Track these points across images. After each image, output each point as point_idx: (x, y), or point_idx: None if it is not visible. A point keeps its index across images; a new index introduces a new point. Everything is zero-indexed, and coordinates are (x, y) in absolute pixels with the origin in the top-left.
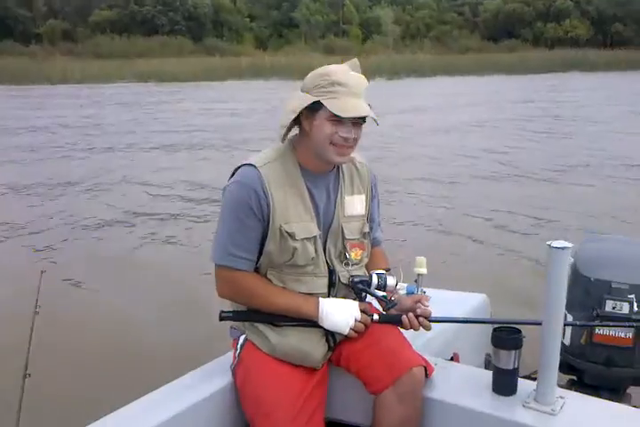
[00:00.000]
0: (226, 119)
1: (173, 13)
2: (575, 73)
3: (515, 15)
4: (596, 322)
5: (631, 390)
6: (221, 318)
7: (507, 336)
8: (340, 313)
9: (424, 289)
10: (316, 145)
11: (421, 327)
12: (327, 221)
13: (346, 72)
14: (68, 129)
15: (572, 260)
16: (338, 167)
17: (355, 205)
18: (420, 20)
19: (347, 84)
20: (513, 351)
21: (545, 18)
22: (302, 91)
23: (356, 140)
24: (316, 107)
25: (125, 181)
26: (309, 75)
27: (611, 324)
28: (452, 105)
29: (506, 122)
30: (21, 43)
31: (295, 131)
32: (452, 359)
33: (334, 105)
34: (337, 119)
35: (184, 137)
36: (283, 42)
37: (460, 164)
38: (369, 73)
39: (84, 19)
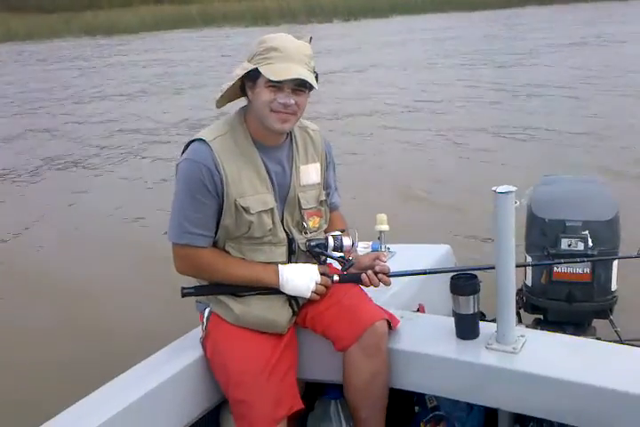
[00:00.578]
0: (177, 69)
1: None
2: (532, 8)
3: None
4: (547, 261)
5: (595, 323)
6: (183, 295)
7: (463, 283)
8: (300, 277)
9: (388, 246)
10: (258, 113)
11: (381, 283)
12: (283, 191)
13: (285, 39)
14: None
15: (518, 202)
16: (291, 137)
17: (310, 173)
18: None
19: (283, 49)
20: (471, 297)
21: None
22: (247, 60)
23: (298, 106)
24: (255, 75)
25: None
26: (252, 44)
27: (557, 261)
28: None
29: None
30: None
31: (244, 102)
32: (417, 311)
33: (268, 70)
34: (275, 85)
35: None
36: None
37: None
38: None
39: None
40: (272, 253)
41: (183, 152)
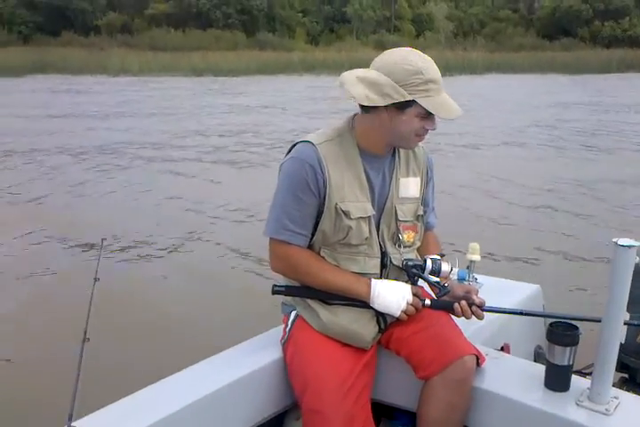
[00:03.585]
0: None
1: (227, 7)
2: (633, 73)
3: (572, 13)
4: None
5: None
6: (274, 292)
7: (563, 332)
8: (392, 295)
9: (476, 275)
10: (398, 136)
11: (474, 316)
12: (381, 202)
13: (432, 65)
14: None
15: (638, 258)
16: (395, 149)
17: (409, 187)
18: (473, 17)
19: (438, 79)
20: (569, 348)
21: (603, 16)
22: (388, 77)
23: None
24: (406, 104)
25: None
26: (393, 66)
27: None
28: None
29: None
30: (81, 34)
31: (354, 109)
32: (502, 349)
33: (433, 106)
34: (427, 115)
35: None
36: (334, 37)
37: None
38: None
39: (140, 11)
40: (366, 264)
41: (287, 153)
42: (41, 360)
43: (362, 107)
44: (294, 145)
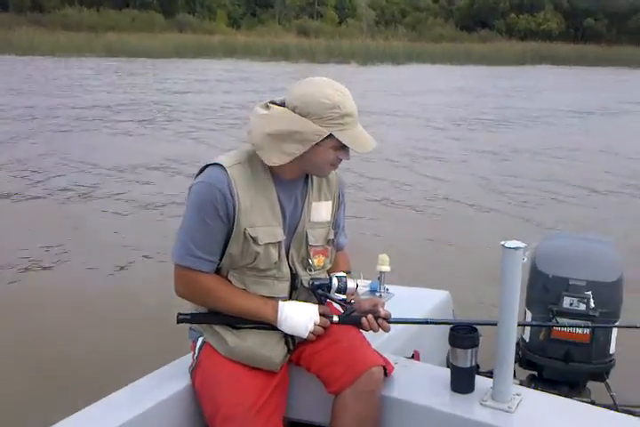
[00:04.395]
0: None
1: None
2: (545, 66)
3: (489, 5)
4: (550, 322)
5: (590, 384)
6: (179, 321)
7: (463, 335)
8: (299, 317)
9: (387, 286)
10: (313, 166)
11: (380, 329)
12: (292, 226)
13: (348, 99)
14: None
15: (526, 259)
16: (307, 174)
17: (321, 211)
18: (395, 6)
19: (353, 113)
20: (469, 350)
21: (518, 9)
22: (304, 116)
23: None
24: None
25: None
26: (310, 100)
27: (559, 323)
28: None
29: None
30: None
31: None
32: (412, 357)
33: (348, 139)
34: (342, 147)
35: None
36: (256, 21)
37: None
38: (343, 57)
39: None
40: (274, 287)
41: (197, 175)
42: None
43: None
44: (204, 167)
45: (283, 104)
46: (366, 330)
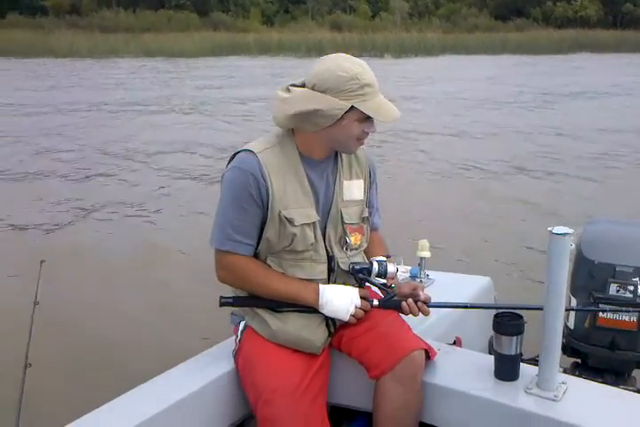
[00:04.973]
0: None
1: None
2: (585, 54)
3: None
4: (597, 307)
5: (636, 373)
6: (221, 304)
7: (508, 322)
8: (341, 300)
9: (427, 272)
10: (339, 141)
11: (420, 313)
12: (326, 206)
13: (366, 69)
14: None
15: (573, 245)
16: (336, 153)
17: (353, 190)
18: None
19: (373, 83)
20: (514, 337)
21: None
22: (323, 92)
23: None
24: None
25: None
26: (325, 74)
27: (607, 308)
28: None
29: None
30: (27, 16)
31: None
32: (454, 343)
33: (371, 109)
34: (366, 119)
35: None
36: (289, 18)
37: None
38: (377, 51)
39: None
40: (312, 269)
41: (229, 162)
42: None
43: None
44: (235, 154)
45: (303, 85)
46: (406, 314)
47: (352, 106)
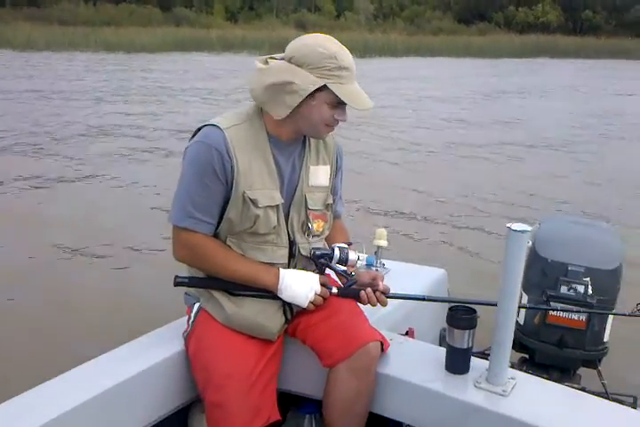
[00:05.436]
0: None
1: None
2: (545, 59)
3: None
4: (548, 306)
5: (581, 371)
6: (176, 284)
7: (461, 316)
8: (301, 285)
9: (383, 261)
10: (308, 124)
11: (378, 303)
12: (290, 190)
13: (347, 53)
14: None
15: (530, 242)
16: (305, 137)
17: (319, 175)
18: None
19: (351, 68)
20: (467, 331)
21: (517, 2)
22: (299, 66)
23: None
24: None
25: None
26: (305, 49)
27: (558, 307)
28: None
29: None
30: None
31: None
32: (406, 334)
33: (344, 93)
34: (337, 104)
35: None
36: (253, 15)
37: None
38: None
39: None
40: (273, 253)
41: (193, 136)
42: None
43: None
44: (200, 128)
45: (282, 59)
46: (364, 304)
47: (325, 86)
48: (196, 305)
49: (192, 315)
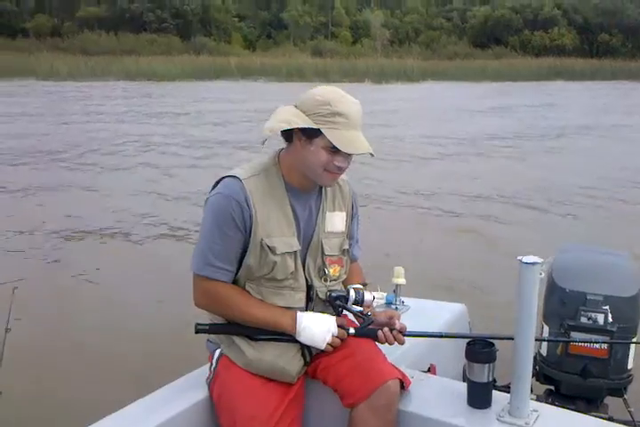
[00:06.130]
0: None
1: (161, 11)
2: (561, 82)
3: (502, 22)
4: (568, 336)
5: (608, 400)
6: (197, 331)
7: (480, 350)
8: (318, 328)
9: (402, 299)
10: (308, 168)
11: (395, 342)
12: (307, 236)
13: (346, 101)
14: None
15: (543, 274)
16: (320, 186)
17: (335, 221)
18: (408, 25)
19: (348, 115)
20: (487, 365)
21: (532, 26)
22: (299, 108)
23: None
24: (313, 133)
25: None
26: (306, 96)
27: (577, 339)
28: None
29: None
30: (7, 37)
31: (281, 144)
32: (428, 370)
33: (336, 138)
34: (335, 150)
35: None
36: (271, 43)
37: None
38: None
39: (71, 14)
40: (291, 297)
41: (213, 187)
42: None
43: (285, 140)
44: (220, 180)
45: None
46: (382, 343)
47: (321, 132)
48: (217, 351)
49: (214, 361)
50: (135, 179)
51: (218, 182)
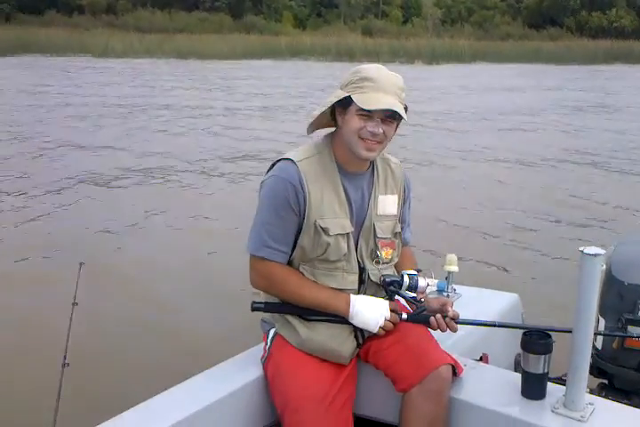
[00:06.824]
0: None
1: None
2: (619, 65)
3: (559, 3)
4: (625, 331)
5: None
6: (253, 309)
7: (536, 341)
8: (371, 311)
9: (454, 287)
10: (347, 139)
11: (448, 329)
12: (360, 218)
13: (379, 70)
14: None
15: (604, 266)
16: (373, 167)
17: (387, 204)
18: (461, 4)
19: (376, 79)
20: (543, 356)
21: (590, 7)
22: (340, 88)
23: (386, 135)
24: (347, 102)
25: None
26: (346, 74)
27: (634, 334)
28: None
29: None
30: (64, 14)
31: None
32: (480, 359)
33: (360, 98)
34: (366, 114)
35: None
36: (321, 22)
37: (498, 158)
38: (408, 56)
39: None
40: (344, 280)
41: (269, 170)
42: (20, 386)
43: (335, 123)
44: (275, 162)
45: None
46: (434, 329)
47: (350, 97)
48: (272, 331)
49: (268, 340)
50: None
51: (273, 165)
